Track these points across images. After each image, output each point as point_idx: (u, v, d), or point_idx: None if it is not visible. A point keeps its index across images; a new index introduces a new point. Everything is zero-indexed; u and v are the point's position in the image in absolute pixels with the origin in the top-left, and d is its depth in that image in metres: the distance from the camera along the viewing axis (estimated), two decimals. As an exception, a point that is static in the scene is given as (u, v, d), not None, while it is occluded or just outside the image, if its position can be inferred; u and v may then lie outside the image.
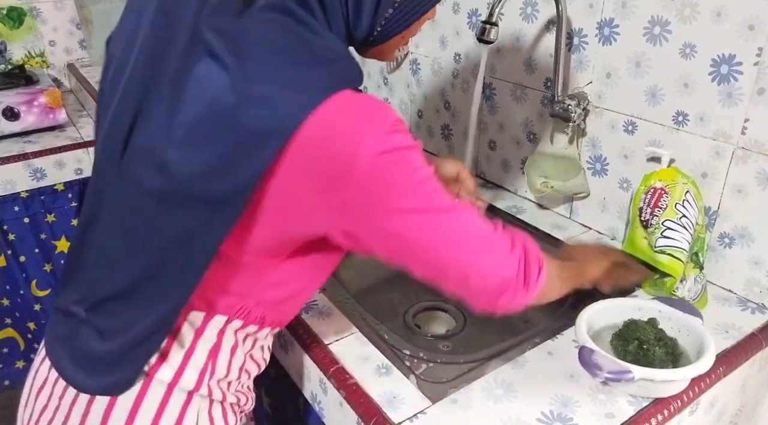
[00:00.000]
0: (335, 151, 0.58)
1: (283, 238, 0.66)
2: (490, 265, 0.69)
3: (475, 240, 0.68)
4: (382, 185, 0.60)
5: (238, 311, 0.71)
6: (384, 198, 0.61)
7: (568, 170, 1.13)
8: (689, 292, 0.92)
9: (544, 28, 1.14)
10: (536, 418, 0.74)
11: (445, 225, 0.66)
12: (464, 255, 0.67)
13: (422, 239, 0.65)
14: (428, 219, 0.64)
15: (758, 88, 0.86)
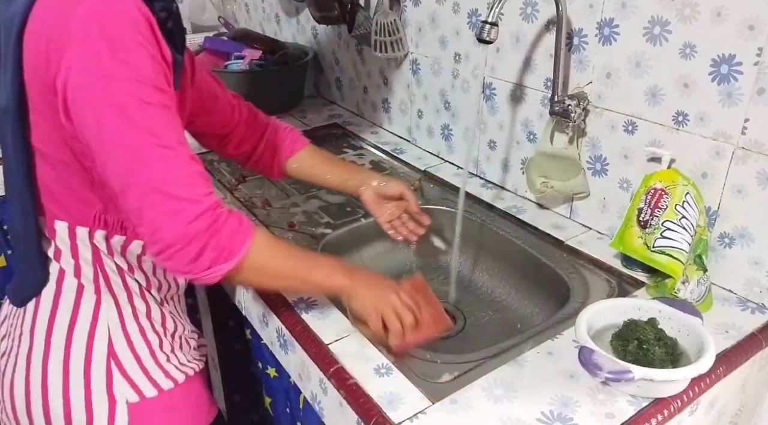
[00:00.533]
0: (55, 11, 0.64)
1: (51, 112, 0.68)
2: (155, 215, 0.66)
3: (164, 181, 0.66)
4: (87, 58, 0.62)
5: (96, 220, 0.76)
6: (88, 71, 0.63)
7: (568, 170, 1.13)
8: (692, 294, 0.92)
9: (544, 28, 1.14)
10: (536, 418, 0.74)
11: (141, 145, 0.65)
12: (140, 187, 0.65)
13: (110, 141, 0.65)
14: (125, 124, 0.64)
15: (758, 88, 0.86)
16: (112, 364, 0.79)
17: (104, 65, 0.63)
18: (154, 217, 0.66)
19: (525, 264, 1.14)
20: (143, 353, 0.81)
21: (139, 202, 0.66)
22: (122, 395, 0.79)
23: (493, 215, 1.24)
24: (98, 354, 0.78)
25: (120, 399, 0.79)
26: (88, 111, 0.64)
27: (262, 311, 1.01)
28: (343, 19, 1.59)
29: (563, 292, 1.02)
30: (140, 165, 0.65)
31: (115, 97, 0.64)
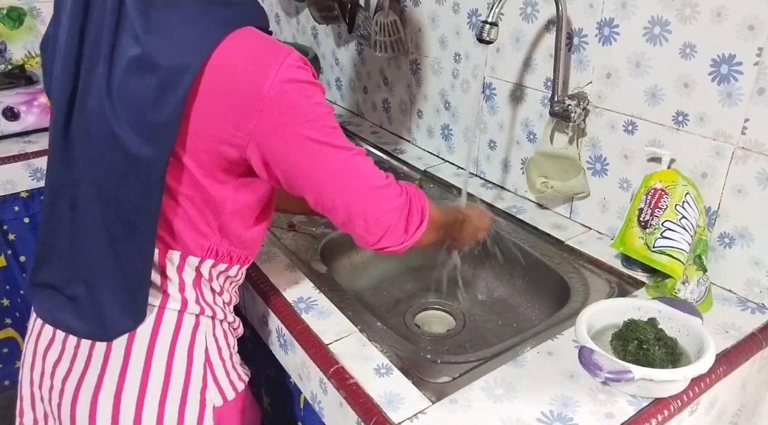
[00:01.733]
0: (244, 78, 0.68)
1: (212, 161, 0.74)
2: (375, 209, 0.77)
3: (366, 182, 0.77)
4: (287, 112, 0.70)
5: (208, 251, 0.81)
6: (288, 124, 0.70)
7: (568, 170, 1.13)
8: (692, 294, 0.92)
9: (544, 28, 1.14)
10: (536, 418, 0.74)
11: (341, 162, 0.75)
12: (353, 194, 0.76)
13: (319, 169, 0.74)
14: (327, 152, 0.74)
15: (758, 88, 0.86)
16: (208, 371, 0.83)
17: (303, 112, 0.71)
18: (375, 208, 0.77)
19: (525, 264, 1.14)
20: (226, 355, 0.86)
21: (361, 200, 0.77)
22: (211, 400, 0.83)
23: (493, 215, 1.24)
24: (197, 362, 0.82)
25: (209, 404, 0.83)
26: (298, 154, 0.73)
27: (262, 311, 1.01)
28: (343, 19, 1.59)
29: (563, 292, 1.02)
30: (354, 175, 0.76)
31: (316, 133, 0.73)
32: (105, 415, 0.78)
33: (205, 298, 0.83)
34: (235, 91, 0.68)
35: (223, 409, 0.84)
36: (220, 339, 0.85)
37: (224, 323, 0.87)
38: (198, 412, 0.82)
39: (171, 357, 0.80)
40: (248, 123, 0.70)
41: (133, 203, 0.74)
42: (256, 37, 0.71)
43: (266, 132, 0.70)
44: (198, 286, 0.82)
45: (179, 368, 0.80)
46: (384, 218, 0.78)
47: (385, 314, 1.15)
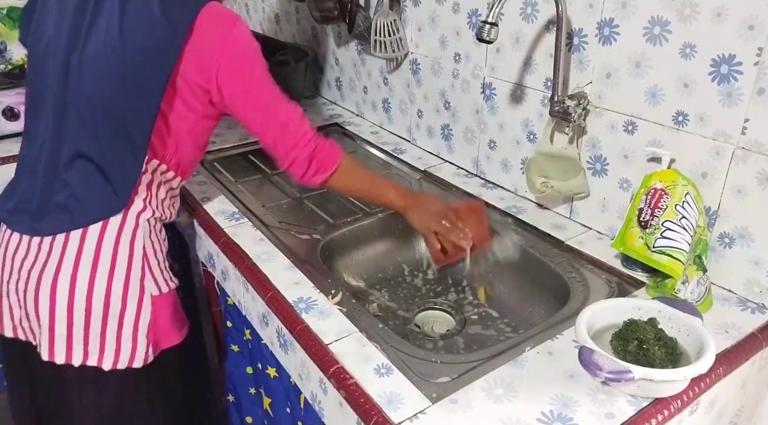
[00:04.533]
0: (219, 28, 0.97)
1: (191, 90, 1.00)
2: (285, 140, 1.05)
3: (287, 122, 1.05)
4: (245, 55, 1.00)
5: (163, 158, 1.04)
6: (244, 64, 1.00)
7: (568, 170, 1.13)
8: (692, 294, 0.92)
9: (544, 28, 1.14)
10: (536, 418, 0.74)
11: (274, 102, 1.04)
12: (275, 127, 1.04)
13: (255, 102, 1.02)
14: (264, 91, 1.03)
15: (758, 88, 0.86)
16: (145, 263, 1.01)
17: (251, 63, 1.01)
18: (286, 143, 1.05)
19: (525, 264, 1.14)
20: (161, 256, 1.05)
21: (278, 136, 1.05)
22: (148, 289, 1.01)
23: (493, 215, 1.24)
24: (137, 254, 1.00)
25: (147, 292, 1.01)
26: (246, 91, 1.01)
27: (262, 311, 1.01)
28: (343, 19, 1.59)
29: (563, 292, 1.02)
30: (280, 115, 1.04)
31: (261, 79, 1.02)
32: (63, 292, 0.96)
33: (151, 201, 1.03)
34: (207, 41, 0.97)
35: (159, 299, 1.03)
36: (155, 243, 1.04)
37: (157, 230, 1.05)
38: (138, 295, 1.00)
39: (116, 247, 0.98)
40: (215, 64, 0.97)
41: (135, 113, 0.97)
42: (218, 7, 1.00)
43: (226, 72, 0.98)
44: (150, 188, 1.03)
45: (123, 255, 0.99)
46: (289, 149, 1.05)
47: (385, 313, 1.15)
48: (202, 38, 0.97)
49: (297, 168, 1.06)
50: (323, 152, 1.07)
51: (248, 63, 1.01)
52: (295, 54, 1.85)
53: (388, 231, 1.29)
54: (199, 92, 1.01)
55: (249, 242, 1.11)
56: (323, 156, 1.07)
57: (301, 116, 1.07)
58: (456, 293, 1.21)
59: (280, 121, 1.04)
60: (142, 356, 1.02)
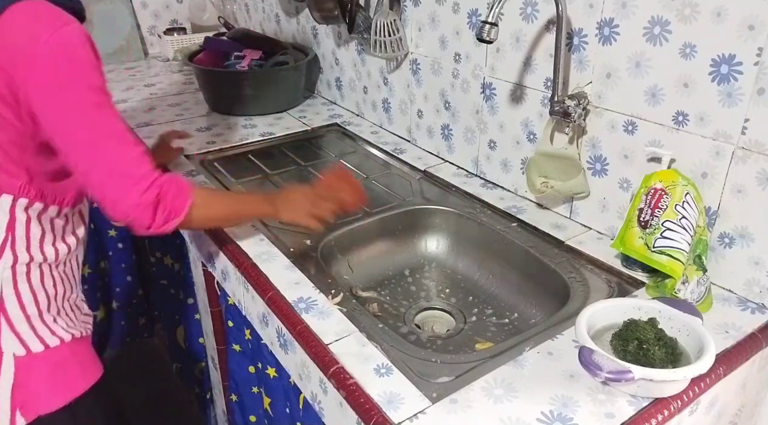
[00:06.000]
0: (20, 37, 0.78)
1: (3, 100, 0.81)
2: (113, 192, 0.84)
3: (115, 165, 0.84)
4: (55, 71, 0.79)
5: (19, 190, 0.87)
6: (57, 83, 0.80)
7: (568, 170, 1.13)
8: (692, 294, 0.92)
9: (544, 28, 1.14)
10: (536, 418, 0.74)
11: (97, 137, 0.83)
12: (103, 175, 0.84)
13: (72, 136, 0.82)
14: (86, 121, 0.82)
15: (758, 88, 0.86)
16: (2, 320, 0.88)
17: (65, 79, 0.80)
18: (115, 193, 0.85)
19: (525, 264, 1.14)
20: (33, 312, 0.90)
21: (102, 182, 0.84)
22: (10, 348, 0.88)
23: (493, 215, 1.24)
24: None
25: (7, 351, 0.88)
26: (54, 115, 0.81)
27: (262, 311, 1.01)
28: (343, 19, 1.59)
29: (563, 292, 1.02)
30: (102, 153, 0.83)
31: (77, 103, 0.82)
32: None
33: (14, 241, 0.88)
34: (13, 46, 0.79)
35: (28, 359, 0.89)
36: (24, 295, 0.89)
37: (32, 277, 0.90)
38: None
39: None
40: (20, 75, 0.79)
41: None
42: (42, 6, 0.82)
43: (35, 87, 0.80)
44: (11, 229, 0.88)
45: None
46: (126, 205, 0.85)
47: (385, 313, 1.15)
48: (10, 35, 0.79)
49: (140, 219, 0.86)
50: (170, 192, 0.88)
51: (64, 79, 0.80)
52: (295, 54, 1.85)
53: (388, 231, 1.29)
54: (11, 100, 0.82)
55: (249, 242, 1.11)
56: (171, 197, 0.88)
57: (140, 154, 0.86)
58: (456, 293, 1.21)
59: (107, 160, 0.83)
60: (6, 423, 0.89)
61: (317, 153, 1.63)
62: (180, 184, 0.91)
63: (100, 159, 0.83)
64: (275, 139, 1.63)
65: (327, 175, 1.16)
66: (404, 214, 1.30)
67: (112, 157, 0.84)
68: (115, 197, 0.85)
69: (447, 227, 1.29)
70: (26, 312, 0.89)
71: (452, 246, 1.29)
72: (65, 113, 0.81)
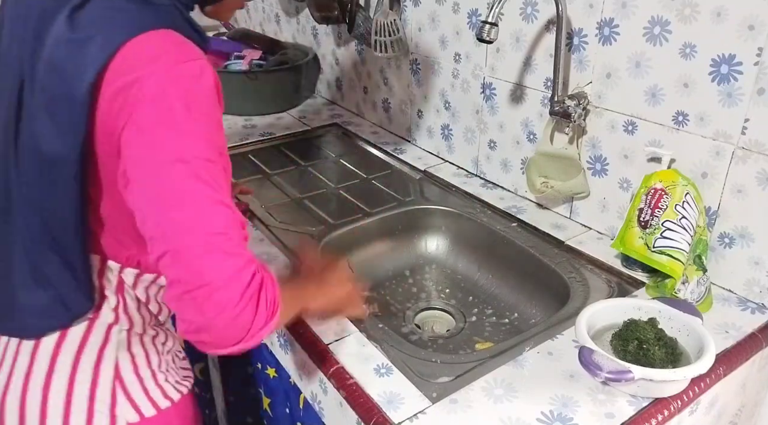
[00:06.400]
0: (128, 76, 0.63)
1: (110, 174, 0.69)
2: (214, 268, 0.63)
3: (218, 235, 0.64)
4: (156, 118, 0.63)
5: (128, 260, 0.78)
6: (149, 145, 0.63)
7: (568, 170, 1.13)
8: (692, 294, 0.92)
9: (544, 28, 1.14)
10: (536, 418, 0.74)
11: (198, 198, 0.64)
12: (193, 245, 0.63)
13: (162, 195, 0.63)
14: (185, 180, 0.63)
15: (758, 88, 0.86)
16: (117, 387, 0.80)
17: (177, 121, 0.63)
18: (214, 273, 0.63)
19: (525, 264, 1.14)
20: (146, 374, 0.83)
21: (198, 255, 0.63)
22: (123, 416, 0.80)
23: (493, 215, 1.24)
24: (105, 377, 0.79)
25: (120, 419, 0.80)
26: (150, 163, 0.64)
27: (262, 311, 1.00)
28: (343, 19, 1.59)
29: (563, 292, 1.02)
30: (205, 217, 0.63)
31: (184, 152, 0.63)
32: (12, 416, 0.77)
33: (126, 306, 0.80)
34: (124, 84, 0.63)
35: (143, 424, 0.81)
36: (138, 356, 0.82)
37: (145, 337, 0.83)
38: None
39: (75, 368, 0.77)
40: (118, 122, 0.64)
41: (53, 213, 0.70)
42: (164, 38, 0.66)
43: (129, 137, 0.64)
44: (120, 293, 0.80)
45: (83, 381, 0.77)
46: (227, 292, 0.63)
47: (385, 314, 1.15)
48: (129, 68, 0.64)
49: (244, 315, 0.64)
50: (269, 280, 0.68)
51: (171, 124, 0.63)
52: (295, 54, 1.85)
53: (388, 231, 1.29)
54: None
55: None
56: (270, 287, 0.68)
57: (242, 226, 0.69)
58: (456, 293, 1.21)
59: (207, 230, 0.63)
60: None
61: (317, 153, 1.63)
62: (270, 272, 0.71)
63: (204, 224, 0.63)
64: (275, 139, 1.63)
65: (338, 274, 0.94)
66: (404, 214, 1.30)
67: (219, 224, 0.64)
68: (214, 277, 0.63)
69: (447, 227, 1.29)
70: (140, 375, 0.82)
71: (452, 246, 1.29)
72: (165, 162, 0.63)
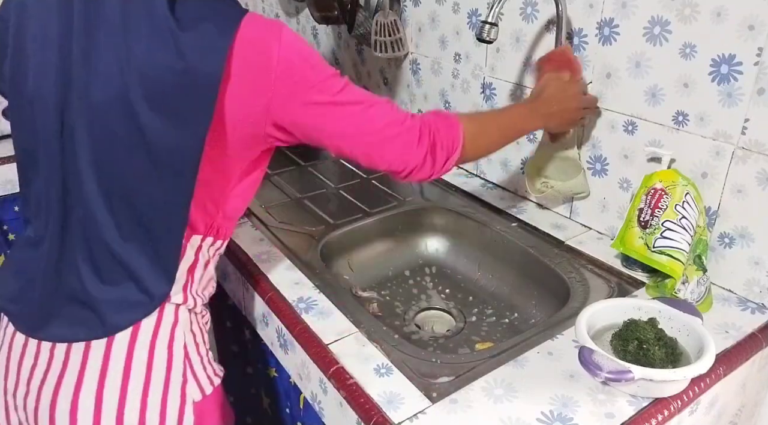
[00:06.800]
0: (253, 59, 0.73)
1: (235, 146, 0.78)
2: (394, 156, 0.83)
3: (380, 133, 0.81)
4: (294, 83, 0.75)
5: (209, 228, 0.85)
6: (298, 93, 0.75)
7: (568, 170, 1.13)
8: (692, 294, 0.92)
9: (544, 28, 1.14)
10: (536, 418, 0.74)
11: (353, 118, 0.80)
12: (369, 147, 0.82)
13: (333, 128, 0.79)
14: (337, 111, 0.78)
15: (758, 88, 0.86)
16: (187, 366, 0.83)
17: (310, 80, 0.76)
18: (395, 156, 0.83)
19: (525, 264, 1.14)
20: (203, 351, 0.86)
21: (379, 151, 0.82)
22: (191, 395, 0.83)
23: (493, 215, 1.24)
24: (177, 358, 0.82)
25: (189, 399, 0.83)
26: (312, 118, 0.78)
27: (262, 311, 1.01)
28: (343, 19, 1.59)
29: (563, 292, 1.02)
30: (367, 128, 0.80)
31: (327, 97, 0.77)
32: (86, 414, 0.77)
33: (192, 288, 0.84)
34: (248, 71, 0.73)
35: (203, 404, 0.84)
36: (198, 335, 0.85)
37: (199, 316, 0.87)
38: (179, 407, 0.82)
39: (152, 354, 0.79)
40: (262, 98, 0.74)
41: (155, 203, 0.75)
42: (255, 20, 0.75)
43: (279, 104, 0.75)
44: (192, 273, 0.84)
45: (160, 363, 0.80)
46: (405, 161, 0.83)
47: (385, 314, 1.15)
48: (241, 70, 0.73)
49: (425, 167, 0.85)
50: (440, 128, 0.85)
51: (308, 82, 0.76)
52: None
53: (388, 231, 1.29)
54: (250, 141, 0.79)
55: (249, 242, 1.11)
56: (444, 133, 0.85)
57: (393, 106, 0.84)
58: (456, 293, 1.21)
59: (375, 130, 0.81)
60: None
61: (317, 153, 1.63)
62: (443, 114, 0.88)
63: (369, 132, 0.80)
64: (275, 139, 1.63)
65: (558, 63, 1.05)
66: (404, 214, 1.30)
67: (378, 125, 0.81)
68: (388, 157, 0.83)
69: (447, 227, 1.29)
70: (200, 352, 0.85)
71: (452, 246, 1.29)
72: (323, 114, 0.78)
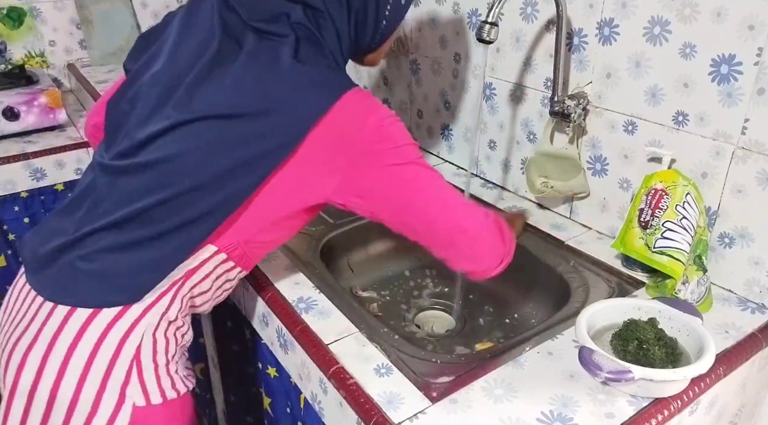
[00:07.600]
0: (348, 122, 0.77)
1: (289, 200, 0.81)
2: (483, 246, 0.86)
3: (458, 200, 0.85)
4: (379, 146, 0.78)
5: (228, 246, 0.84)
6: (380, 154, 0.78)
7: (568, 170, 1.13)
8: (692, 294, 0.92)
9: (544, 28, 1.14)
10: (536, 418, 0.74)
11: (433, 180, 0.83)
12: (450, 211, 0.83)
13: (413, 188, 0.81)
14: (416, 170, 0.81)
15: (758, 88, 0.86)
16: (134, 367, 0.82)
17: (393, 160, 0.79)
18: (469, 250, 0.86)
19: (525, 264, 1.14)
20: (161, 360, 0.85)
21: (448, 240, 0.85)
22: (131, 397, 0.82)
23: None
24: (125, 355, 0.81)
25: (128, 400, 0.82)
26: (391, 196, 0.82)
27: (262, 311, 1.01)
28: (343, 19, 1.59)
29: (563, 292, 1.02)
30: (444, 214, 0.83)
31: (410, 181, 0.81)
32: (29, 373, 0.80)
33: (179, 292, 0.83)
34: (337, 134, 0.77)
35: (146, 411, 0.83)
36: (160, 343, 0.84)
37: (172, 326, 0.85)
38: (115, 403, 0.81)
39: (100, 341, 0.80)
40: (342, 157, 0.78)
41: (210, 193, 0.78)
42: (362, 94, 0.80)
43: (360, 165, 0.79)
44: (188, 277, 0.84)
45: (105, 353, 0.80)
46: (486, 260, 0.87)
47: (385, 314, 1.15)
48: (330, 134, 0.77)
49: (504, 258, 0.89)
50: (500, 219, 0.90)
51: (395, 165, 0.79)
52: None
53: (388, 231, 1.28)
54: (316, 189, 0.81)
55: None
56: (504, 223, 0.90)
57: (466, 201, 0.88)
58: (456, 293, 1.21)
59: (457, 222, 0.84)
60: None
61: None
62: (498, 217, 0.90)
63: (444, 219, 0.83)
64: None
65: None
66: (404, 214, 1.29)
67: (456, 214, 0.84)
68: (469, 253, 0.86)
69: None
70: (156, 361, 0.84)
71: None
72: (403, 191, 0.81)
